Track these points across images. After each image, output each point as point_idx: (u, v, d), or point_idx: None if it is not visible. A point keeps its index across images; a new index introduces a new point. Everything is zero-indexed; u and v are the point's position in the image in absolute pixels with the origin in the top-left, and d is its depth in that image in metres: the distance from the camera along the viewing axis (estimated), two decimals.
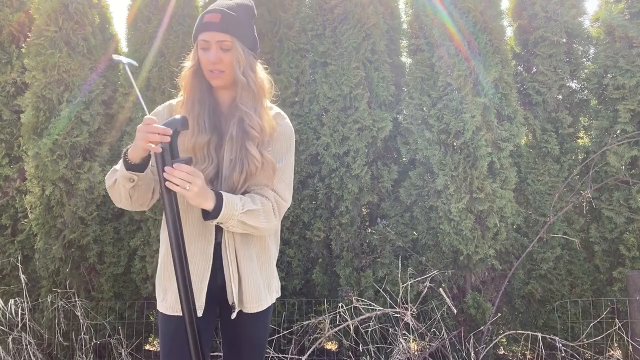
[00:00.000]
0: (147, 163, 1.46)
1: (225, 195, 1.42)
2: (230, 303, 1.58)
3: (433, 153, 3.39)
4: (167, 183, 1.34)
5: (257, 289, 1.58)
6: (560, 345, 2.99)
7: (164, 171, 1.34)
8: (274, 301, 1.69)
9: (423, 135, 3.44)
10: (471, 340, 3.17)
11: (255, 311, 1.59)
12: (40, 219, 3.46)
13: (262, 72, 1.59)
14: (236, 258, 1.56)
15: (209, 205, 1.40)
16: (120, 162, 1.47)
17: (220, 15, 1.47)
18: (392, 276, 3.37)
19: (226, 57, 1.48)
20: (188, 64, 1.57)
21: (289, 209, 3.55)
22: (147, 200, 1.57)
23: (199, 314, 1.52)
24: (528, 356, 3.57)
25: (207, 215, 1.44)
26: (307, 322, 3.30)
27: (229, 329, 1.66)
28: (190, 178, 1.33)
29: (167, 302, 1.57)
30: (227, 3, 1.53)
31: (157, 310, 1.63)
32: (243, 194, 1.54)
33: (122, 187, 1.48)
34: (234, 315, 1.58)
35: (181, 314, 1.41)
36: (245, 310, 1.59)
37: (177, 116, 1.39)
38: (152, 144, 1.34)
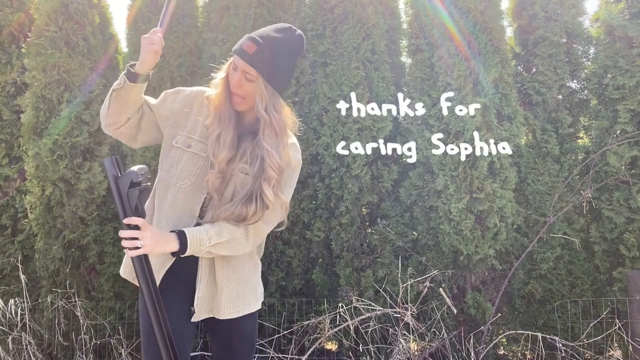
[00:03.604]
0: (145, 79, 1.47)
1: (189, 233, 1.40)
2: (192, 307, 1.57)
3: (433, 153, 3.39)
4: (125, 250, 1.35)
5: (236, 296, 1.59)
6: (560, 345, 2.99)
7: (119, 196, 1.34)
8: (259, 307, 1.69)
9: (423, 135, 3.44)
10: (471, 340, 3.17)
11: (229, 318, 1.59)
12: (40, 219, 3.46)
13: (285, 111, 1.55)
14: (213, 264, 1.56)
15: (173, 247, 1.39)
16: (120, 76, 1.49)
17: (256, 47, 1.45)
18: (392, 276, 3.37)
19: (248, 86, 1.47)
20: (221, 74, 1.56)
21: (289, 208, 3.54)
22: (119, 121, 1.55)
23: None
24: (528, 356, 3.57)
25: (174, 253, 1.42)
26: (307, 322, 3.30)
27: (215, 328, 1.66)
28: (136, 234, 1.32)
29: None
30: (275, 35, 1.48)
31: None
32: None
33: (109, 92, 1.50)
34: (193, 319, 1.57)
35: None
36: (217, 317, 1.58)
37: (134, 168, 1.36)
38: None
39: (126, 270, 1.67)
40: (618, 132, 3.46)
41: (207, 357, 3.30)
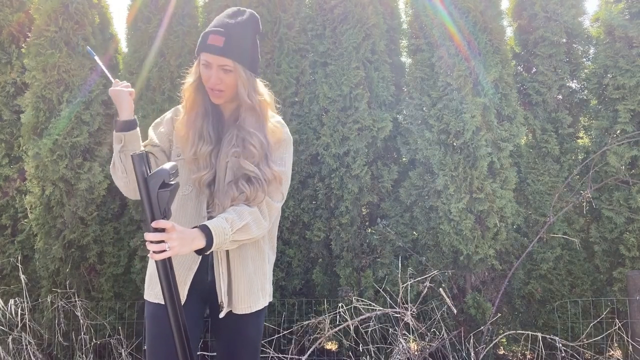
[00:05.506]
0: (134, 123, 1.54)
1: (211, 225, 1.38)
2: (219, 302, 1.57)
3: (433, 153, 3.39)
4: (151, 255, 1.29)
5: (250, 290, 1.58)
6: (560, 345, 2.99)
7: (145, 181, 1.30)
8: (266, 304, 1.68)
9: (423, 135, 3.44)
10: (471, 340, 3.17)
11: (245, 312, 1.58)
12: (40, 219, 3.46)
13: (263, 89, 1.59)
14: (227, 257, 1.56)
15: (200, 244, 1.36)
16: (114, 135, 1.54)
17: (224, 38, 1.47)
18: (392, 276, 3.37)
19: (227, 78, 1.50)
20: (190, 78, 1.59)
21: (289, 208, 3.55)
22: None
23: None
24: (528, 356, 3.57)
25: (199, 251, 1.39)
26: (307, 322, 3.30)
27: (221, 329, 1.65)
28: (163, 237, 1.28)
29: (155, 289, 1.60)
30: (233, 21, 1.52)
31: (145, 301, 1.64)
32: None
33: (115, 157, 1.54)
34: (221, 315, 1.57)
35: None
36: (234, 311, 1.58)
37: (166, 166, 1.32)
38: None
39: (153, 293, 1.62)
40: (618, 132, 3.46)
41: (207, 357, 3.30)
